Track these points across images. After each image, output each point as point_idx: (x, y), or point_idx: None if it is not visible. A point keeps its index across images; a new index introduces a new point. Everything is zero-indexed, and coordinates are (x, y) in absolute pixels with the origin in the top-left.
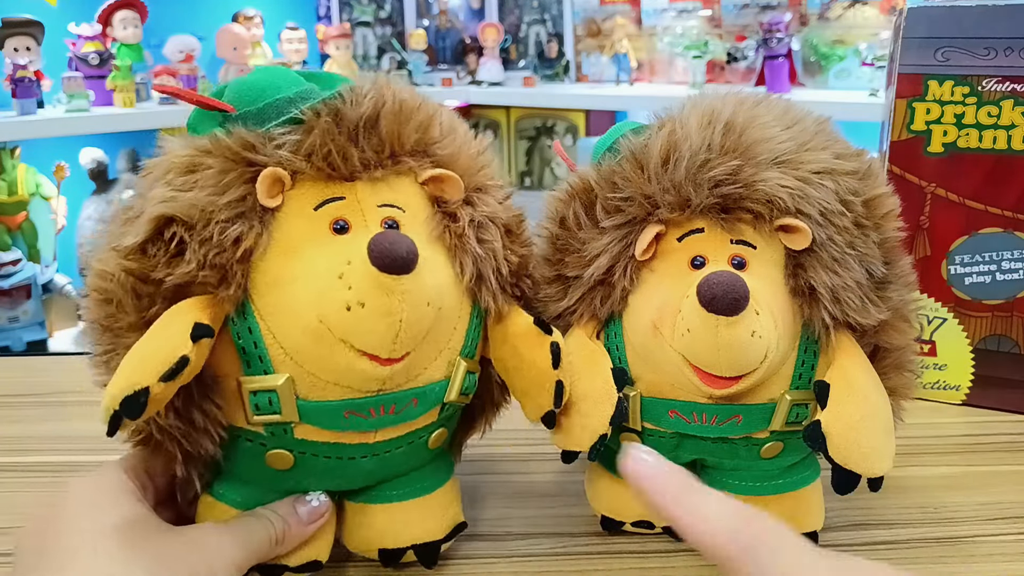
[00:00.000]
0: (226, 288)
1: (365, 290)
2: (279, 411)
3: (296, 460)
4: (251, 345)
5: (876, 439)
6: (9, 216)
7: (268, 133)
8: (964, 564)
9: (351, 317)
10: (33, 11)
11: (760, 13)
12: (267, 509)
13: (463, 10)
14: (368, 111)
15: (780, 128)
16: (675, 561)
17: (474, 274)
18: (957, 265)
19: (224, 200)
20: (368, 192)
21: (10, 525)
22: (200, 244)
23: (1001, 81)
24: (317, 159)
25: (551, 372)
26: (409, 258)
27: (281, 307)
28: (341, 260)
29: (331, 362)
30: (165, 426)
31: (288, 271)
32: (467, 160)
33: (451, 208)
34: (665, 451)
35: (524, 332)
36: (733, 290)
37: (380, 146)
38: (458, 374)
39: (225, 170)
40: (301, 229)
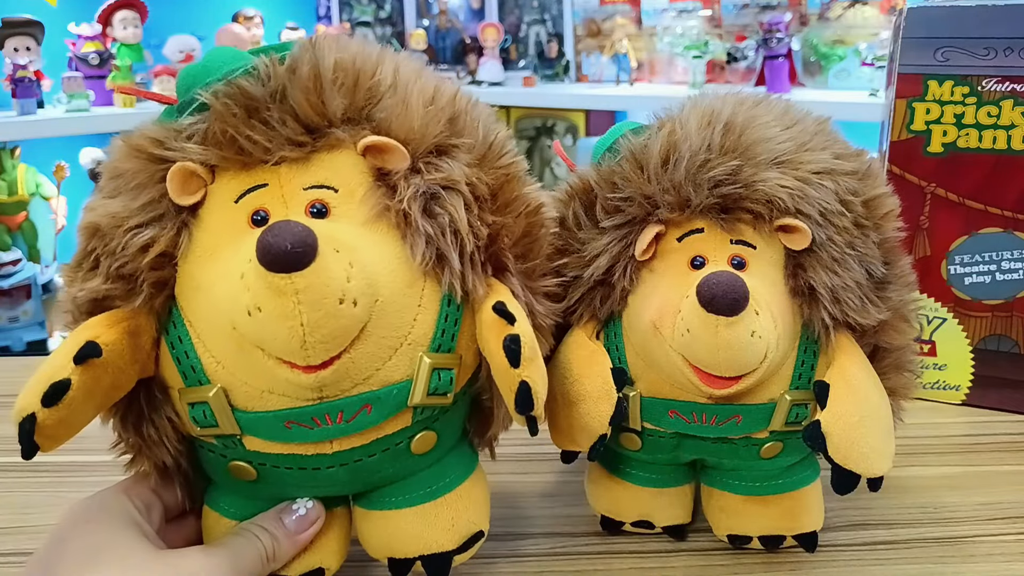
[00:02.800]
0: (134, 299)
1: (259, 292)
2: (215, 423)
3: (258, 471)
4: (183, 355)
5: (876, 439)
6: (9, 216)
7: (178, 125)
8: (964, 564)
9: (253, 323)
10: (33, 11)
11: (760, 13)
12: (253, 524)
13: (463, 10)
14: (277, 83)
15: (780, 128)
16: (675, 561)
17: (431, 254)
18: (957, 265)
19: (137, 204)
20: (293, 175)
21: (10, 525)
22: (108, 255)
23: (1001, 81)
24: (223, 147)
25: (510, 372)
26: (296, 251)
27: (204, 313)
28: (243, 260)
29: (257, 369)
30: (128, 440)
31: (208, 273)
32: (416, 119)
33: (394, 180)
34: (665, 451)
35: (488, 323)
36: (733, 290)
37: (297, 120)
38: (420, 373)
39: (138, 171)
40: (221, 226)
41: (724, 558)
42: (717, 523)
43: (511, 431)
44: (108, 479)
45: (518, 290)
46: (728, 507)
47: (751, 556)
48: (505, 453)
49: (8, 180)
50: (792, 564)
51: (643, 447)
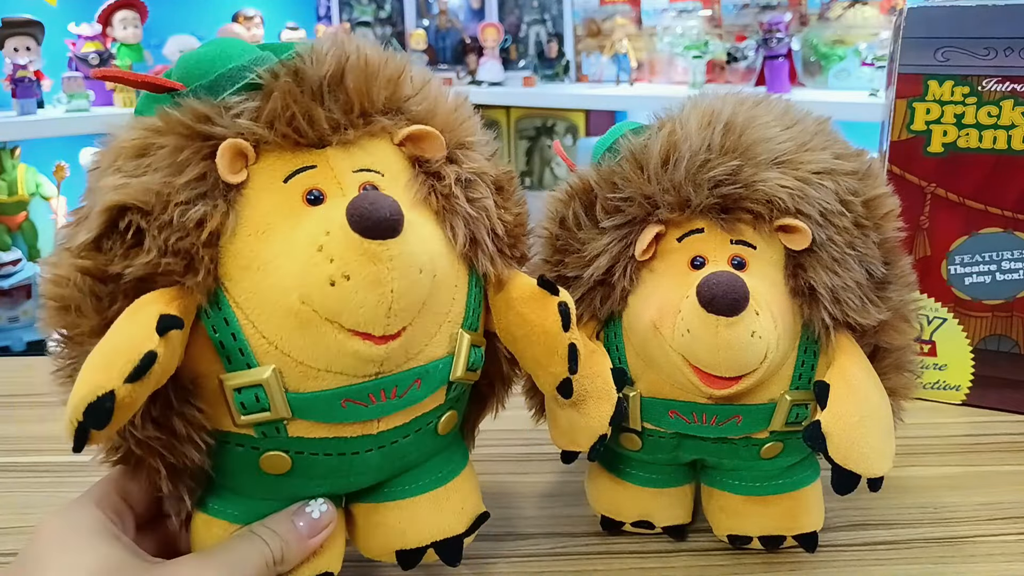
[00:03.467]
0: (194, 275)
1: (349, 260)
2: (268, 407)
3: (294, 462)
4: (229, 338)
5: (876, 439)
6: (9, 216)
7: (224, 102)
8: (964, 564)
9: (336, 293)
10: (33, 11)
11: (760, 13)
12: (261, 526)
13: (463, 10)
14: (331, 68)
15: (780, 128)
16: (675, 561)
17: (468, 237)
18: (957, 265)
19: (182, 180)
20: (341, 158)
21: (10, 525)
22: (159, 230)
23: (1001, 81)
24: (280, 125)
25: (561, 335)
26: (394, 219)
27: (258, 292)
28: (319, 231)
29: (320, 347)
30: (144, 439)
31: (262, 252)
32: (445, 115)
33: (434, 167)
34: (665, 451)
35: (529, 295)
36: (733, 290)
37: (349, 105)
38: (462, 348)
39: (179, 147)
40: (271, 204)
41: (724, 558)
42: (717, 523)
43: (511, 430)
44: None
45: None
46: (728, 507)
47: (751, 556)
48: (505, 453)
49: (8, 180)
50: (792, 564)
51: (643, 447)
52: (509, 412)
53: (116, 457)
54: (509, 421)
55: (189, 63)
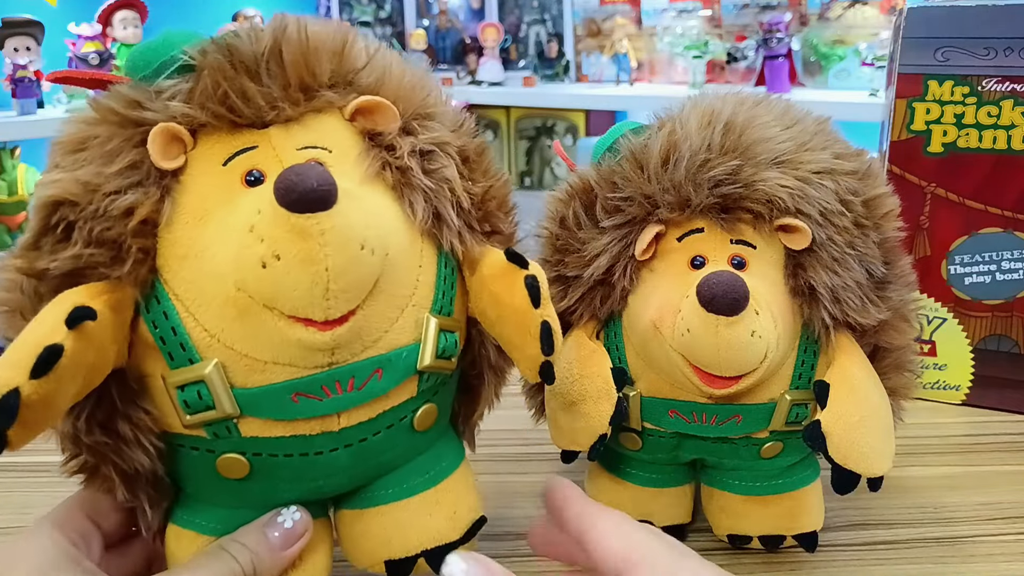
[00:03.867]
0: (120, 266)
1: (278, 238)
2: (212, 405)
3: (252, 464)
4: (169, 332)
5: (876, 439)
6: (9, 216)
7: (156, 87)
8: (964, 564)
9: (269, 275)
10: (33, 11)
11: (760, 13)
12: (230, 540)
13: (463, 10)
14: (268, 43)
15: (780, 128)
16: None
17: (429, 212)
18: (957, 265)
19: (112, 169)
20: (284, 137)
21: (10, 525)
22: (85, 221)
23: (1001, 81)
24: (213, 104)
25: (531, 312)
26: (323, 188)
27: (197, 281)
28: (252, 212)
29: (262, 337)
30: (91, 444)
31: (200, 239)
32: (398, 85)
33: (387, 140)
34: (665, 451)
35: (499, 272)
36: (733, 290)
37: (286, 80)
38: (429, 333)
39: (110, 136)
40: (210, 189)
41: (724, 558)
42: (717, 523)
43: (511, 430)
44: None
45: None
46: (728, 507)
47: (751, 556)
48: (505, 453)
49: (8, 180)
50: (792, 564)
51: (643, 447)
52: (509, 412)
53: (74, 466)
54: (509, 421)
55: (134, 55)
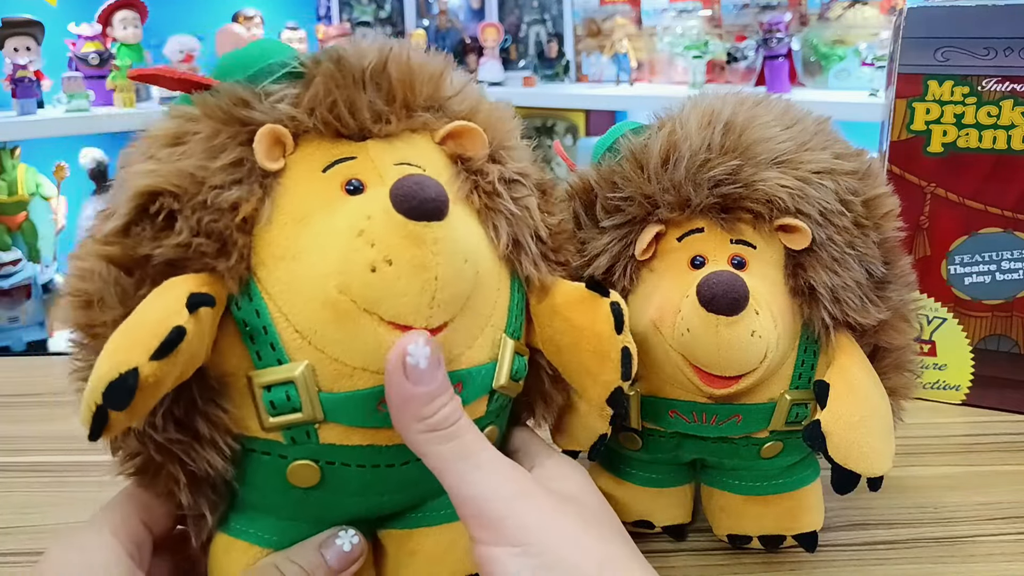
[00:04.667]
0: (226, 259)
1: (391, 243)
2: (299, 408)
3: (324, 473)
4: (260, 331)
5: (876, 439)
6: (9, 216)
7: (264, 89)
8: (964, 564)
9: (377, 279)
10: (33, 11)
11: (760, 13)
12: (285, 560)
13: (463, 10)
14: (375, 59)
15: (780, 128)
16: (675, 561)
17: (511, 238)
18: (957, 265)
19: (217, 164)
20: (382, 149)
21: (10, 525)
22: (192, 211)
23: (1001, 81)
24: (321, 111)
25: (614, 338)
26: (440, 199)
27: (293, 282)
28: (360, 216)
29: (357, 342)
30: (163, 441)
31: (298, 241)
32: (487, 115)
33: (476, 165)
34: (665, 451)
35: (576, 299)
36: (733, 290)
37: (392, 95)
38: (506, 354)
39: (215, 132)
40: (309, 193)
41: (724, 558)
42: (717, 523)
43: None
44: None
45: None
46: (728, 507)
47: (751, 556)
48: None
49: (8, 180)
50: (792, 564)
51: (643, 447)
52: None
53: (134, 466)
54: None
55: (228, 60)
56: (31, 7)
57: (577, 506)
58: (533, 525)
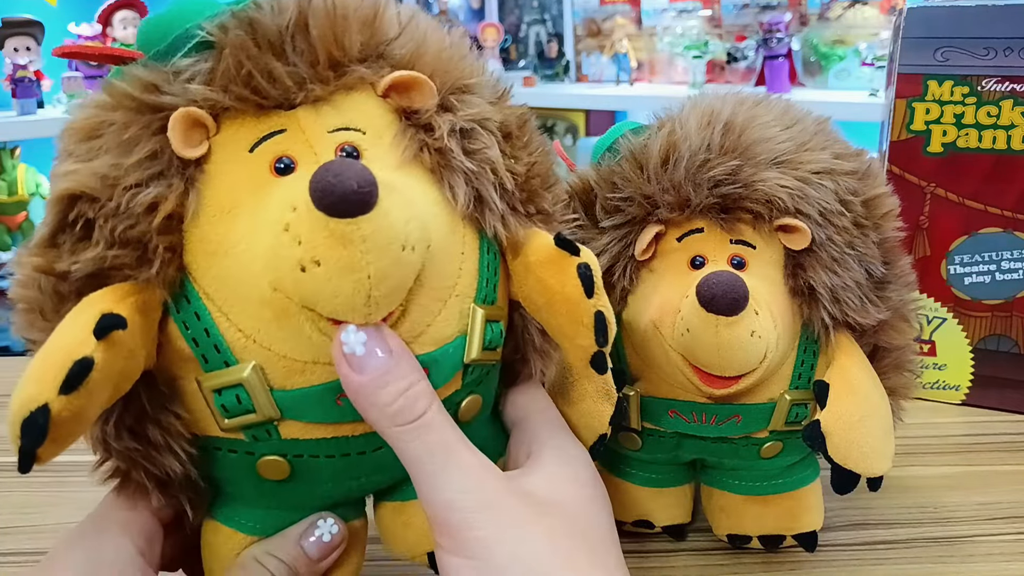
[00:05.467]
0: (147, 268)
1: (317, 243)
2: (252, 409)
3: (293, 466)
4: (202, 334)
5: (875, 439)
6: (9, 216)
7: (174, 67)
8: (963, 564)
9: (308, 279)
10: (33, 11)
11: (760, 13)
12: (268, 555)
13: (463, 10)
14: (293, 15)
15: (780, 128)
16: (675, 561)
17: (470, 196)
18: (957, 265)
19: (131, 160)
20: (313, 118)
21: (10, 525)
22: (106, 219)
23: (1001, 81)
24: (237, 86)
25: (584, 302)
26: (363, 191)
27: (228, 279)
28: (286, 208)
29: (302, 338)
30: (121, 450)
31: (229, 235)
32: (435, 56)
33: (424, 119)
34: (665, 451)
35: (547, 257)
36: (732, 290)
37: (315, 56)
38: (476, 325)
39: (127, 123)
40: (237, 178)
41: (724, 558)
42: (717, 523)
43: None
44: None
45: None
46: (728, 507)
47: (751, 556)
48: None
49: (8, 180)
50: (792, 564)
51: (643, 447)
52: None
53: (106, 472)
54: None
55: (148, 27)
56: (31, 7)
57: (554, 518)
58: (493, 539)
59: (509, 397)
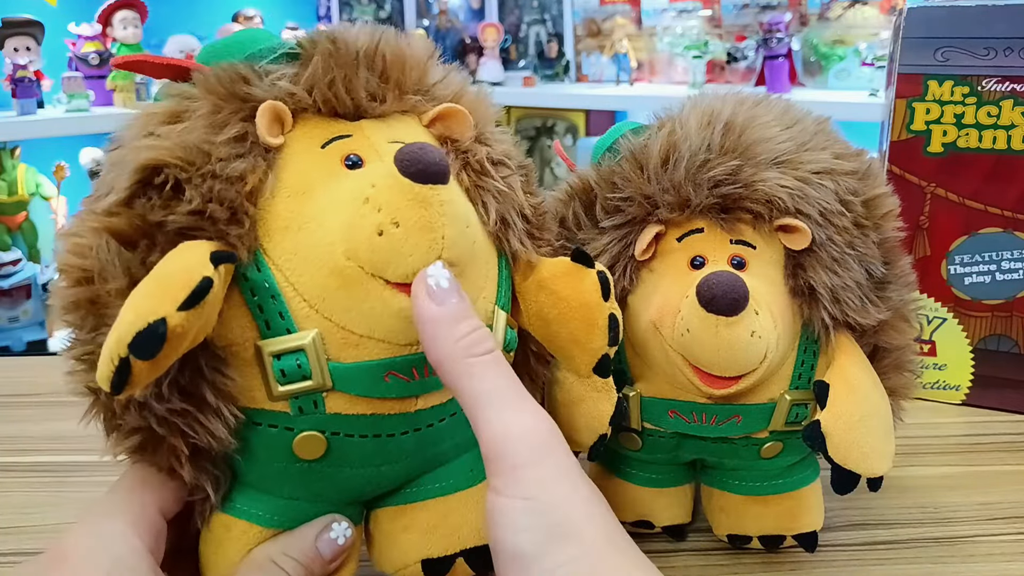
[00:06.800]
0: (238, 226)
1: (398, 206)
2: (309, 375)
3: (329, 444)
4: (268, 301)
5: (876, 439)
6: (9, 216)
7: (262, 68)
8: (963, 564)
9: (384, 242)
10: (33, 11)
11: (760, 13)
12: (281, 554)
13: (463, 10)
14: (368, 41)
15: (780, 128)
16: (675, 561)
17: (499, 215)
18: (957, 265)
19: (221, 138)
20: (375, 129)
21: (10, 525)
22: (203, 179)
23: (1001, 81)
24: (320, 89)
25: (602, 305)
26: (443, 163)
27: (299, 251)
28: (365, 185)
29: (364, 307)
30: (166, 413)
31: (303, 212)
32: (471, 100)
33: (464, 146)
34: (665, 451)
35: (563, 271)
36: (733, 290)
37: (385, 76)
38: (499, 324)
39: (217, 108)
40: (310, 167)
41: (724, 558)
42: (717, 523)
43: None
44: (109, 479)
45: None
46: (728, 507)
47: (751, 556)
48: None
49: (8, 180)
50: (792, 564)
51: (643, 447)
52: None
53: (134, 442)
54: None
55: (215, 46)
56: (31, 7)
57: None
58: (551, 480)
59: None
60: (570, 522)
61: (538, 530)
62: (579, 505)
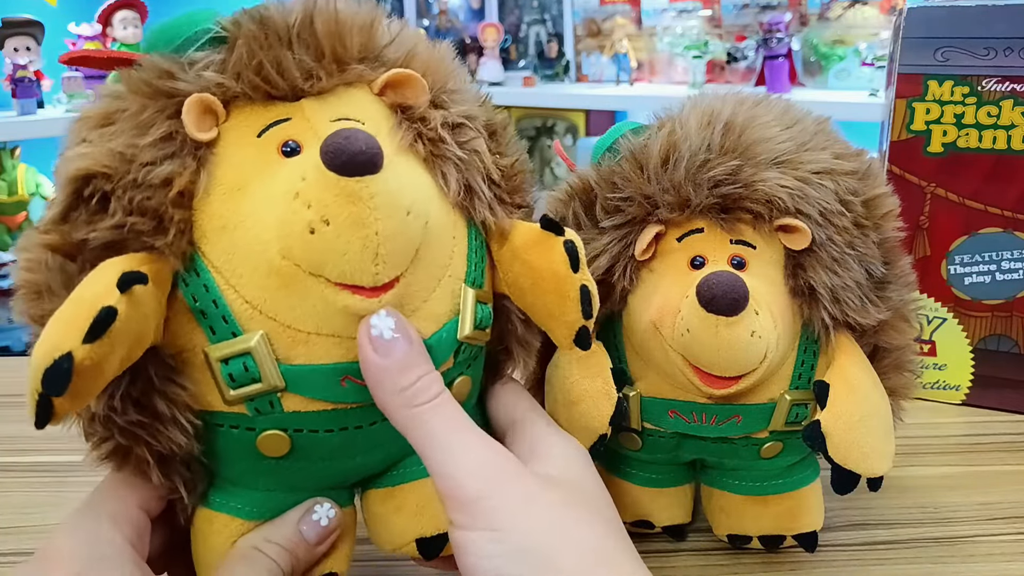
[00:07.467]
0: (164, 236)
1: (327, 202)
2: (258, 377)
3: (293, 441)
4: (210, 305)
5: (876, 439)
6: (9, 216)
7: (188, 58)
8: (963, 564)
9: (317, 240)
10: (33, 11)
11: (760, 13)
12: (267, 542)
13: (463, 10)
14: (299, 15)
15: (780, 128)
16: (675, 561)
17: (461, 184)
18: (957, 265)
19: (146, 140)
20: (316, 108)
21: (10, 525)
22: (124, 190)
23: (1001, 81)
24: (248, 75)
25: (571, 277)
26: (371, 151)
27: (237, 251)
28: (295, 178)
29: (307, 305)
30: (125, 424)
31: (238, 210)
32: (425, 60)
33: (418, 113)
34: (665, 451)
35: (533, 240)
36: (733, 290)
37: (320, 51)
38: (467, 304)
39: (142, 108)
40: (245, 160)
41: (724, 558)
42: (717, 523)
43: None
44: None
45: None
46: (728, 507)
47: (751, 556)
48: None
49: (8, 180)
50: (792, 564)
51: (643, 447)
52: None
53: (105, 451)
54: None
55: (154, 32)
56: (31, 7)
57: (565, 491)
58: (509, 508)
59: (498, 399)
60: (543, 547)
61: (509, 556)
62: (544, 526)
